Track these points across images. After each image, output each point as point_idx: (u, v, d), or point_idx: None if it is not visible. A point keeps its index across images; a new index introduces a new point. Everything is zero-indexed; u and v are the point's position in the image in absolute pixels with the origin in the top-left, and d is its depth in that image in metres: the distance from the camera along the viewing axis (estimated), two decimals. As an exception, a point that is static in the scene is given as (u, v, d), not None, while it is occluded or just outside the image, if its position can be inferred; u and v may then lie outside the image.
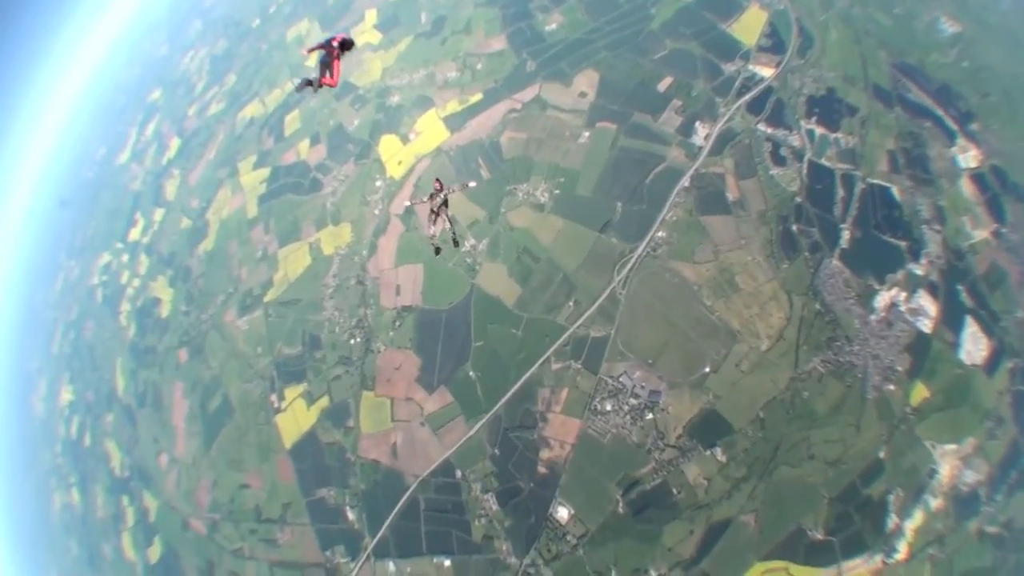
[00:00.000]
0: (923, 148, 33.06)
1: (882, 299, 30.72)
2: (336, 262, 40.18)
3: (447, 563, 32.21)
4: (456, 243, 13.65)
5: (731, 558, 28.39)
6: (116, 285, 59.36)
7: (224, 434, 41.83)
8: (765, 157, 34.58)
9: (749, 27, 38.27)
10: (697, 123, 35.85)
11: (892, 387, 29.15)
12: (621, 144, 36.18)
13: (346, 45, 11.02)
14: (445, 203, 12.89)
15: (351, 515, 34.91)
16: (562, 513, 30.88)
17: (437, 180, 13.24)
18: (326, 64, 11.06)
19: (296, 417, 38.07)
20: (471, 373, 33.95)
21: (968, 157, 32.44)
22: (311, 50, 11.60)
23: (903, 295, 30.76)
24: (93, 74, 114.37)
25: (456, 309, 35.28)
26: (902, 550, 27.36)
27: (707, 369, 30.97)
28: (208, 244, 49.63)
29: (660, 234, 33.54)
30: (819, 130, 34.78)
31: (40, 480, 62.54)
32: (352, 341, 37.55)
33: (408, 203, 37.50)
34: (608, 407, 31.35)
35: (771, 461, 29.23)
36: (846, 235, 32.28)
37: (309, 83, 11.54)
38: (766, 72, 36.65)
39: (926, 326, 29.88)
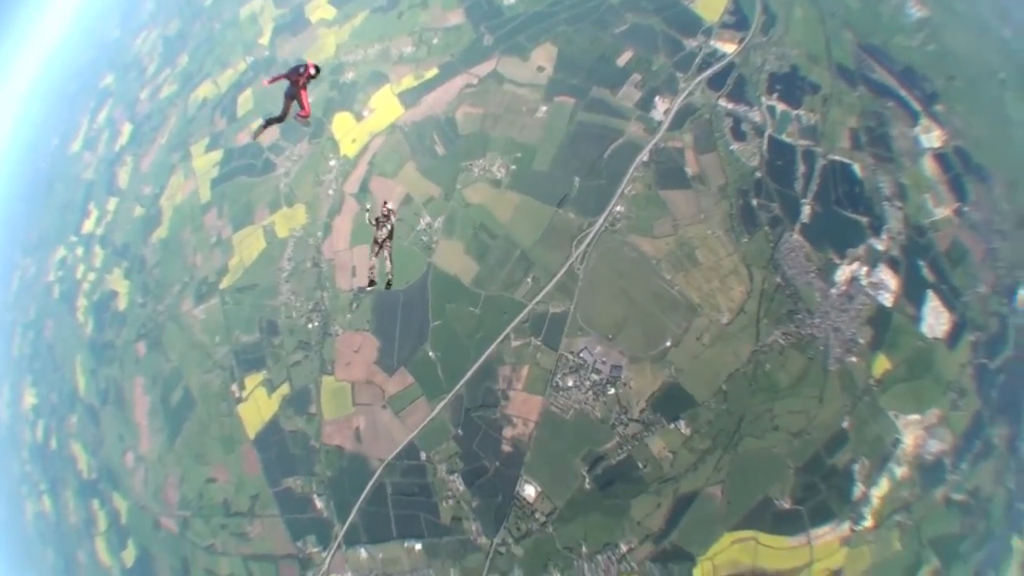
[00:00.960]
0: (886, 127, 33.04)
1: (843, 273, 30.99)
2: (291, 245, 39.12)
3: (418, 547, 32.18)
4: (389, 285, 12.45)
5: (700, 529, 28.89)
6: (72, 280, 56.85)
7: (187, 428, 40.78)
8: (725, 132, 34.42)
9: (712, 3, 37.70)
10: (657, 98, 35.45)
11: (854, 359, 29.58)
12: (579, 119, 35.62)
13: (314, 73, 10.37)
14: (391, 235, 11.78)
15: (319, 503, 34.51)
16: (529, 491, 30.98)
17: (385, 203, 12.15)
18: (292, 96, 10.47)
19: (258, 406, 37.26)
20: (431, 353, 33.55)
21: (931, 137, 32.51)
22: (273, 80, 10.95)
23: (864, 269, 31.05)
24: (45, 63, 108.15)
25: (413, 289, 34.58)
26: (869, 517, 28.04)
27: (668, 343, 31.11)
28: (162, 232, 47.78)
29: (619, 209, 33.29)
30: (780, 106, 34.62)
31: (11, 489, 60.37)
32: (310, 325, 36.76)
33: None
34: (570, 383, 31.33)
35: (735, 433, 29.62)
36: (807, 210, 32.38)
37: (273, 120, 10.89)
38: (728, 48, 36.28)
39: (887, 300, 30.26)
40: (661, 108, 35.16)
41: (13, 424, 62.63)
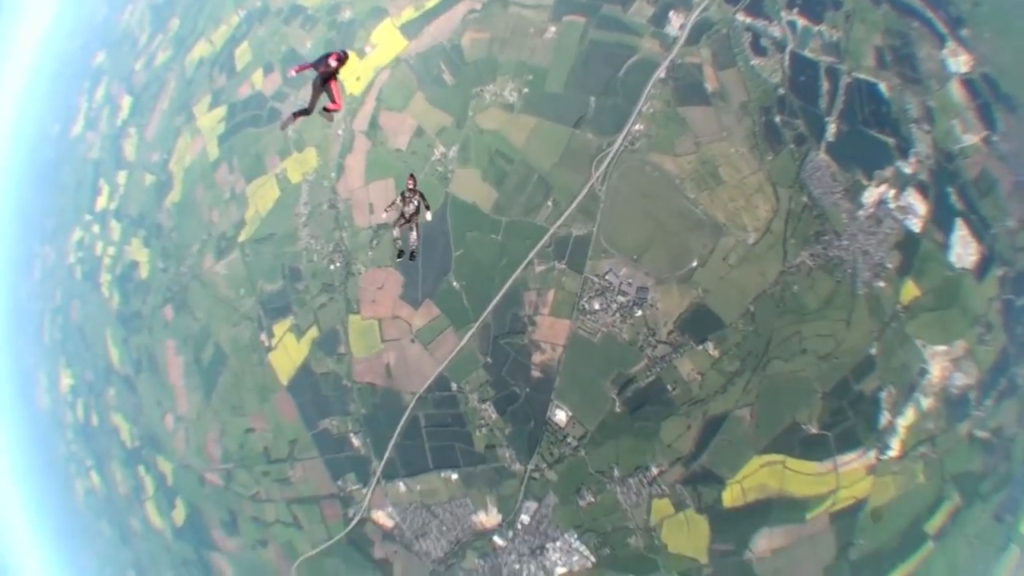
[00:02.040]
0: (911, 47, 31.06)
1: (870, 195, 29.89)
2: (305, 189, 38.71)
3: (454, 476, 33.22)
4: (413, 257, 12.07)
5: (729, 452, 29.22)
6: (92, 258, 57.66)
7: (222, 382, 41.92)
8: (745, 47, 32.65)
9: (722, -89, 34.98)
10: (671, 13, 33.59)
11: (882, 284, 28.92)
12: (591, 37, 34.07)
13: (342, 60, 9.67)
14: (418, 209, 11.28)
15: (356, 441, 35.58)
16: (560, 416, 31.54)
17: (411, 177, 11.52)
18: (320, 88, 9.79)
19: (288, 352, 37.95)
20: (455, 283, 33.59)
21: (959, 62, 30.53)
22: (300, 70, 10.30)
23: (892, 192, 29.85)
24: (35, 59, 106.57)
25: (432, 220, 34.14)
26: (895, 447, 27.94)
27: (694, 263, 30.71)
28: (175, 196, 47.69)
29: (637, 127, 32.24)
30: (801, 21, 32.53)
31: (59, 471, 63.31)
32: (332, 267, 36.84)
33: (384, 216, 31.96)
34: (596, 306, 31.30)
35: (763, 355, 29.43)
36: (832, 128, 30.95)
37: (301, 113, 10.38)
38: (742, -41, 34.04)
39: (915, 225, 29.26)
40: (676, 23, 33.44)
41: (54, 409, 65.09)
